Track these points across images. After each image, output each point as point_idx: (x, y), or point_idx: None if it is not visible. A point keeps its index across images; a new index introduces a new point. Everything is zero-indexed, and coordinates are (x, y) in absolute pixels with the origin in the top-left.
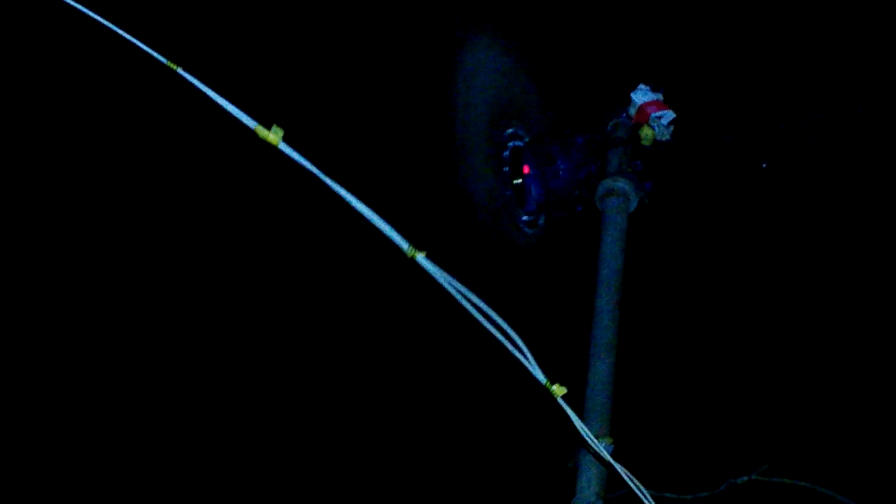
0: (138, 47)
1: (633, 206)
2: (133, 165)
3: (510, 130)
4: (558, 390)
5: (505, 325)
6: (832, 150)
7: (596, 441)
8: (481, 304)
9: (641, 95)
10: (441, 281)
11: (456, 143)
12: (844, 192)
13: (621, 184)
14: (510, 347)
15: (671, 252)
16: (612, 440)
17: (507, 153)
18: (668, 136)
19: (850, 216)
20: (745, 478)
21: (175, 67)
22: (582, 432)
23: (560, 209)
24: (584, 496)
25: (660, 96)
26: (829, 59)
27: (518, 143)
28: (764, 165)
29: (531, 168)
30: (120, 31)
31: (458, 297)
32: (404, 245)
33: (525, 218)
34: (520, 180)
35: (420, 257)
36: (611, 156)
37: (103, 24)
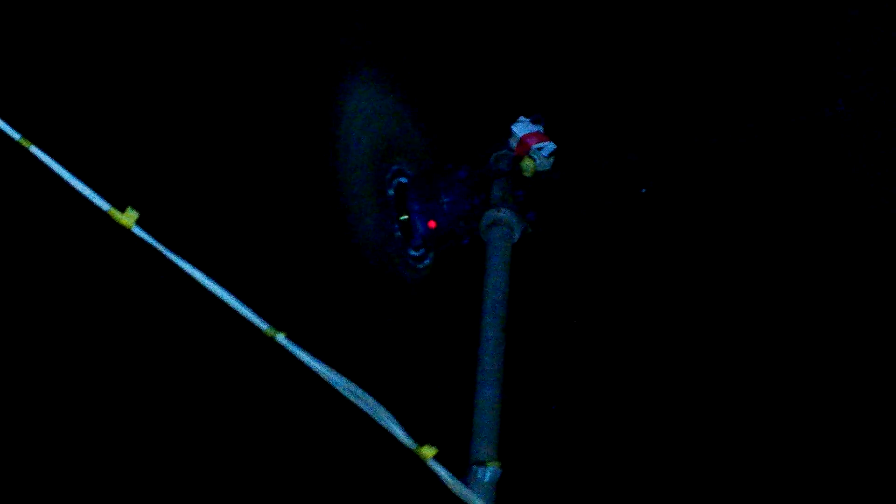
0: None
1: (517, 235)
2: None
3: (394, 168)
4: (427, 452)
5: (368, 397)
6: (710, 173)
7: (473, 497)
8: (343, 380)
9: (522, 128)
10: (303, 358)
11: (340, 184)
12: (724, 214)
13: (504, 214)
14: (376, 418)
15: (555, 279)
16: (499, 464)
17: (391, 190)
18: (548, 167)
19: (731, 238)
20: None
21: (28, 145)
22: (455, 491)
23: (446, 243)
24: None
25: (540, 128)
26: (704, 88)
27: (403, 179)
28: (643, 191)
29: (416, 204)
30: None
31: (322, 373)
32: (263, 326)
33: (412, 253)
34: (406, 217)
35: (280, 337)
36: (494, 188)
37: None
